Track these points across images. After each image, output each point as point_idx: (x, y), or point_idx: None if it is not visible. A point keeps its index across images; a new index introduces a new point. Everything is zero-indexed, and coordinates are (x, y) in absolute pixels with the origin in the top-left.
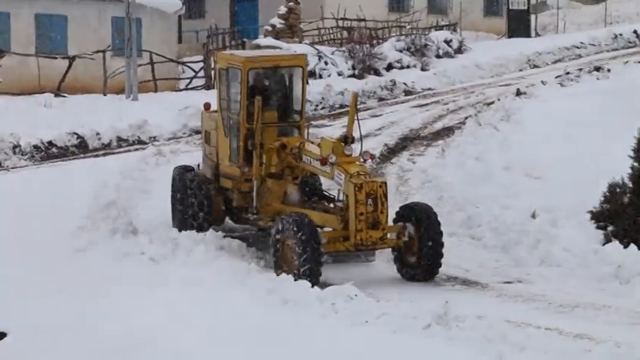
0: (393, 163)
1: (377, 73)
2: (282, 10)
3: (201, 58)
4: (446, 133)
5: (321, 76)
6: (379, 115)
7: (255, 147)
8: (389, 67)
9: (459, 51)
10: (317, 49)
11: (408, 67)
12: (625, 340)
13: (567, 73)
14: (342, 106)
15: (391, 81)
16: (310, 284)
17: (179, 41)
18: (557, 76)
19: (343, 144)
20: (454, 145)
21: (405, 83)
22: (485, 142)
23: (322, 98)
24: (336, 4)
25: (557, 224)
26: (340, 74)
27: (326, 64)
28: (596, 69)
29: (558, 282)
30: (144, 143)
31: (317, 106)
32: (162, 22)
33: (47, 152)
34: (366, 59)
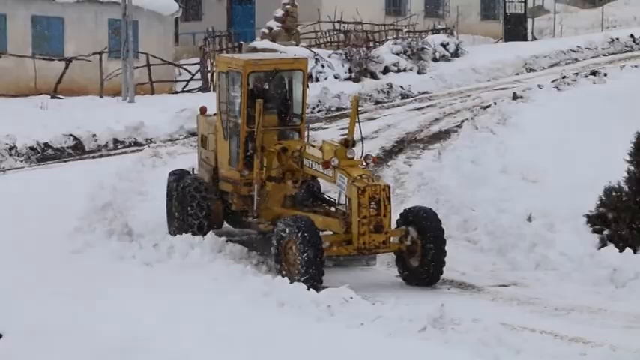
0: (390, 166)
1: (374, 76)
2: (279, 12)
3: (197, 60)
4: (442, 136)
5: (317, 79)
6: (376, 118)
7: (256, 151)
8: (386, 70)
9: (456, 54)
10: (314, 52)
11: (405, 70)
12: (620, 343)
13: (564, 77)
14: (338, 109)
15: (388, 84)
16: (309, 287)
17: (176, 43)
18: (553, 80)
19: (345, 147)
20: (450, 148)
21: (401, 86)
22: (482, 146)
23: (319, 101)
24: (332, 6)
25: (553, 228)
26: (337, 77)
27: (323, 66)
28: (592, 73)
29: (554, 285)
30: (140, 145)
31: (313, 109)
32: (159, 24)
33: (43, 154)
34: (363, 62)
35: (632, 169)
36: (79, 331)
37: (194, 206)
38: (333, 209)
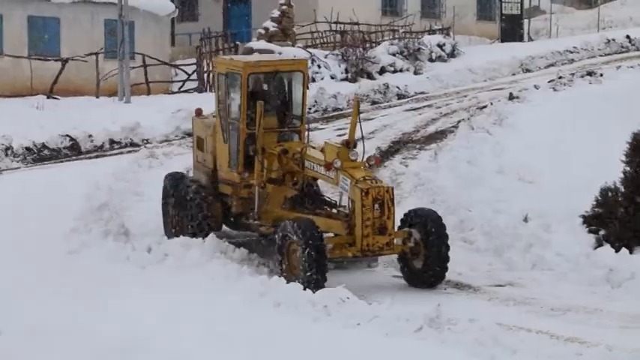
0: (386, 167)
1: (370, 76)
2: (275, 13)
3: (194, 60)
4: (439, 136)
5: (314, 80)
6: (372, 118)
7: (257, 152)
8: (382, 70)
9: (452, 55)
10: (310, 53)
11: (401, 70)
12: (616, 343)
13: (560, 78)
14: (334, 109)
15: (384, 84)
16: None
17: (172, 44)
18: (550, 81)
19: (347, 149)
20: (447, 148)
21: (398, 87)
22: (478, 146)
23: (315, 102)
24: (329, 7)
25: (549, 228)
26: (333, 78)
27: (319, 67)
28: (588, 74)
29: (550, 285)
30: (136, 146)
31: (310, 109)
32: (155, 24)
33: (39, 154)
34: (359, 63)
35: (628, 169)
36: (78, 331)
37: (194, 208)
38: (334, 211)
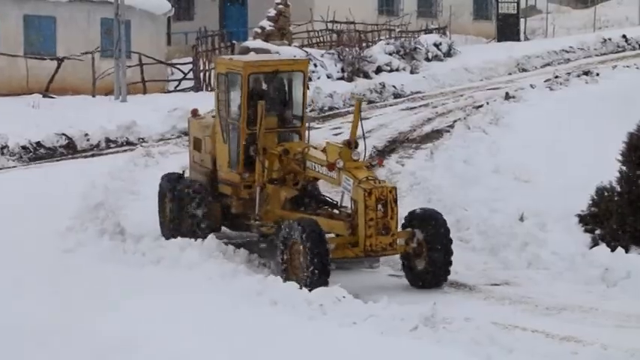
0: (382, 166)
1: (366, 75)
2: (272, 12)
3: (190, 60)
4: (435, 136)
5: (310, 79)
6: (368, 117)
7: (258, 153)
8: (378, 70)
9: (449, 54)
10: (306, 52)
11: (398, 70)
12: (612, 342)
13: (556, 77)
14: (330, 108)
15: (380, 84)
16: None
17: (168, 43)
18: (546, 80)
19: (349, 149)
20: (443, 148)
21: (394, 86)
22: (474, 146)
23: (311, 101)
24: (325, 6)
25: (545, 227)
26: (329, 77)
27: (315, 66)
28: (584, 73)
29: (546, 284)
30: (132, 144)
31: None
32: (152, 23)
33: (35, 153)
34: (356, 62)
35: (624, 168)
36: (78, 331)
37: (194, 209)
38: (335, 211)
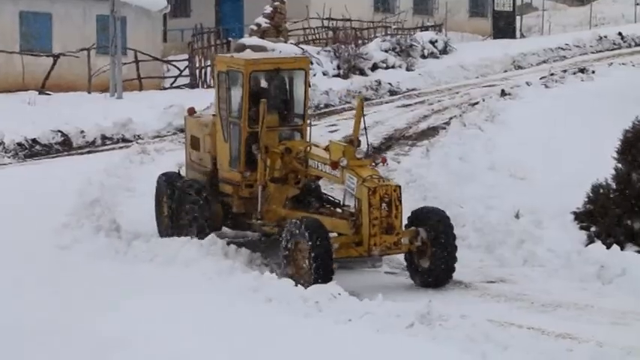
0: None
1: (362, 73)
2: (268, 9)
3: (186, 56)
4: (430, 133)
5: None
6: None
7: (260, 151)
8: (374, 67)
9: (444, 52)
10: (302, 49)
11: (394, 67)
12: (607, 339)
13: (552, 75)
14: (326, 105)
15: (376, 81)
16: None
17: (164, 40)
18: (541, 78)
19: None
20: (439, 145)
21: (390, 83)
22: (470, 143)
23: None
24: (321, 3)
25: (540, 225)
26: (325, 74)
27: (311, 63)
28: (580, 70)
29: (541, 282)
30: (128, 141)
31: None
32: (147, 20)
33: (31, 150)
34: (352, 59)
35: (619, 166)
36: (77, 331)
37: (195, 209)
38: (338, 210)
